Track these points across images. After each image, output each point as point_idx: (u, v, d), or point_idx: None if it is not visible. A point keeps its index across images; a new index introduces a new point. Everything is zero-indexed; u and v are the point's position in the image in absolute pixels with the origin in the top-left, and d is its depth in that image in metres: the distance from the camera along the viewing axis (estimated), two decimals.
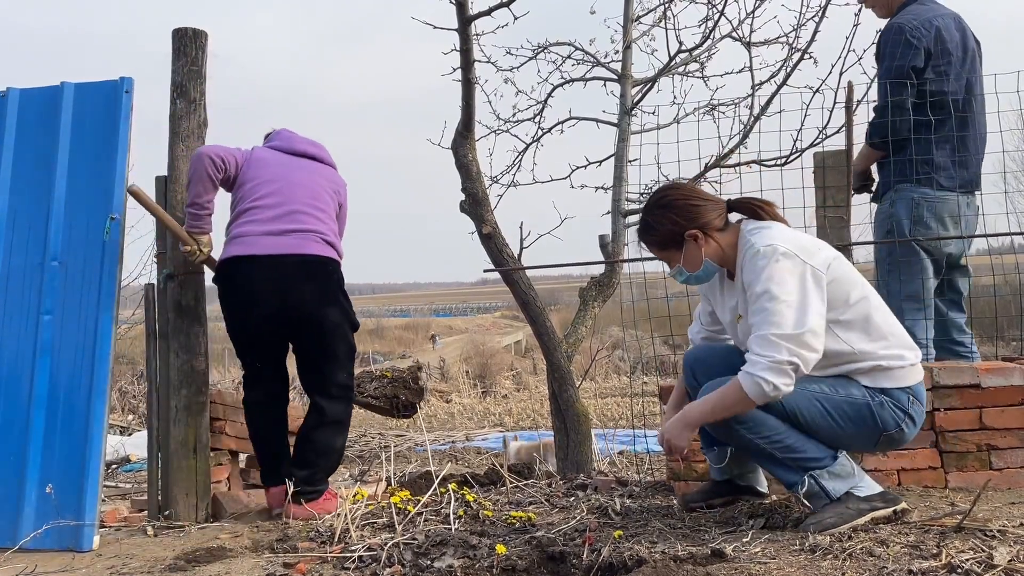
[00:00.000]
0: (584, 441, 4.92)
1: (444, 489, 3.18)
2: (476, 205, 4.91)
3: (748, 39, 5.65)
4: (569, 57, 6.40)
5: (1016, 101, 3.51)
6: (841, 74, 4.47)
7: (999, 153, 3.68)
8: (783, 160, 4.76)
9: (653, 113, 6.84)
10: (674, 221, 2.45)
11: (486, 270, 4.95)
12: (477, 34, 4.65)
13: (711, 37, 5.84)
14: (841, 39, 4.50)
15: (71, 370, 3.10)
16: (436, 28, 4.37)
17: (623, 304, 4.48)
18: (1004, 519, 2.28)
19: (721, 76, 6.11)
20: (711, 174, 5.30)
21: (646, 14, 6.21)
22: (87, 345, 3.11)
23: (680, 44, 5.78)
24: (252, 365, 3.38)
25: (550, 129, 6.44)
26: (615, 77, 6.13)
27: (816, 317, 2.22)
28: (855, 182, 3.69)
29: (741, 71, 5.86)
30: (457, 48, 4.51)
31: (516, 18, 4.44)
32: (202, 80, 3.54)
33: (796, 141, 4.78)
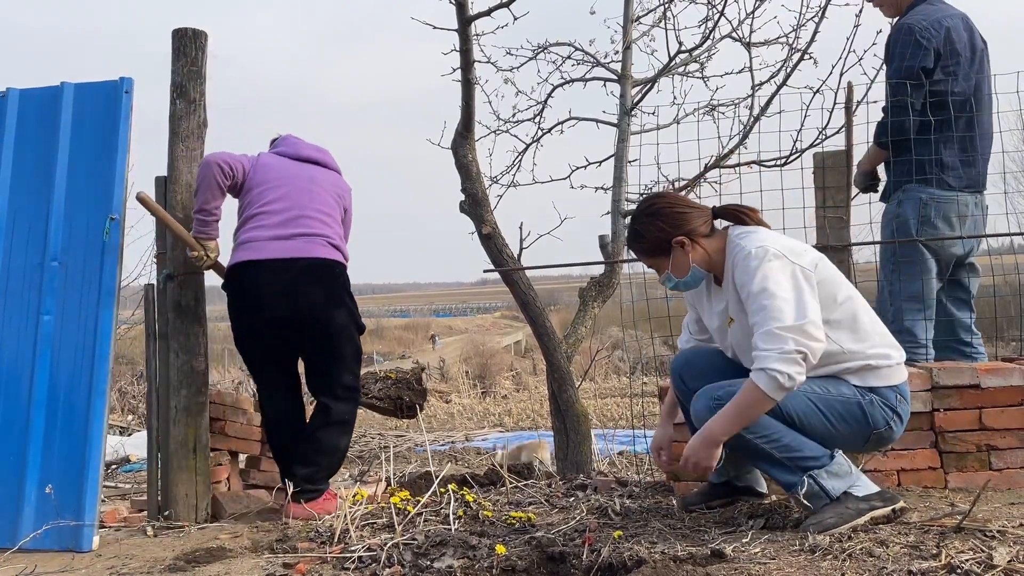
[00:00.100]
0: (584, 441, 4.92)
1: (444, 489, 3.17)
2: (476, 205, 4.91)
3: (748, 39, 5.64)
4: (569, 57, 6.41)
5: (1016, 101, 3.52)
6: (841, 75, 4.48)
7: (999, 154, 3.67)
8: (783, 160, 4.76)
9: (653, 113, 6.83)
10: (661, 228, 2.51)
11: (486, 270, 4.96)
12: (477, 34, 4.66)
13: (711, 37, 5.85)
14: (841, 39, 4.51)
15: (71, 370, 3.11)
16: (436, 28, 4.37)
17: (623, 304, 4.48)
18: (1004, 519, 2.27)
19: (721, 76, 6.13)
20: (711, 174, 5.28)
21: (646, 14, 6.23)
22: (87, 345, 3.11)
23: (680, 44, 5.79)
24: (263, 375, 3.39)
25: (550, 129, 6.45)
26: (615, 77, 6.13)
27: (814, 310, 2.26)
28: (863, 181, 3.69)
29: (741, 71, 5.87)
30: (457, 48, 4.51)
31: (516, 18, 4.44)
32: (202, 80, 3.54)
33: (796, 141, 4.79)
